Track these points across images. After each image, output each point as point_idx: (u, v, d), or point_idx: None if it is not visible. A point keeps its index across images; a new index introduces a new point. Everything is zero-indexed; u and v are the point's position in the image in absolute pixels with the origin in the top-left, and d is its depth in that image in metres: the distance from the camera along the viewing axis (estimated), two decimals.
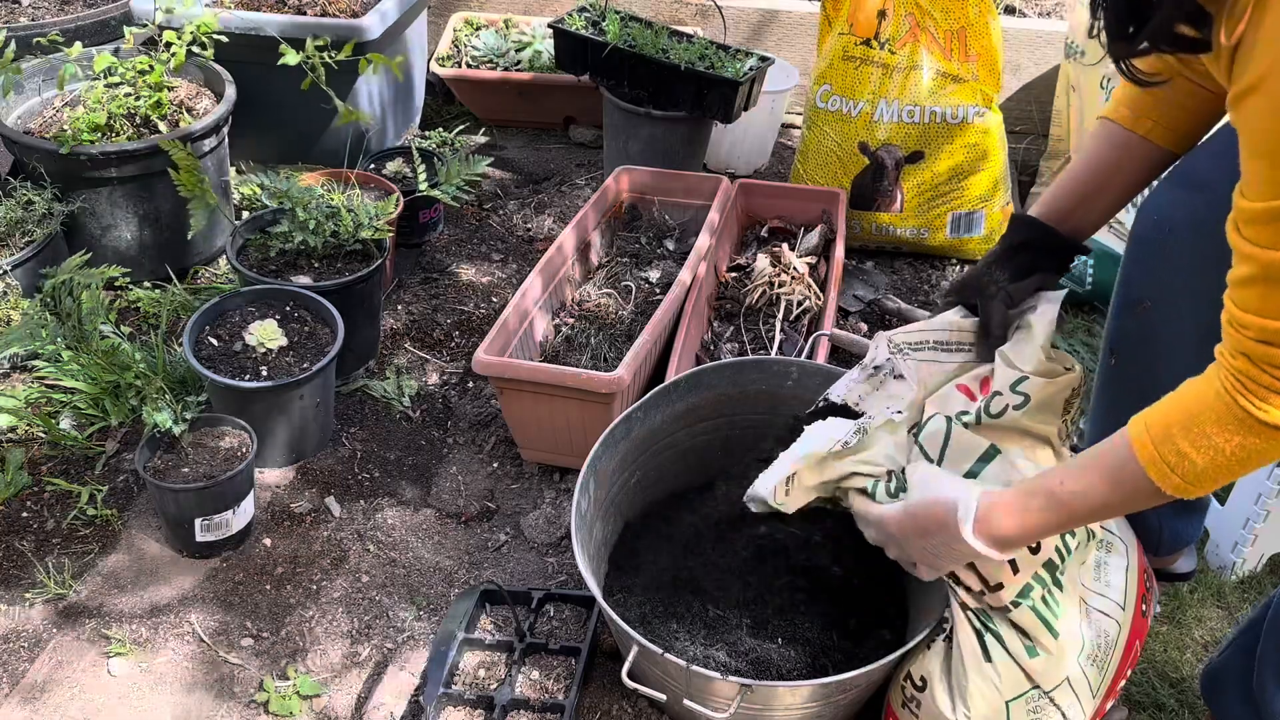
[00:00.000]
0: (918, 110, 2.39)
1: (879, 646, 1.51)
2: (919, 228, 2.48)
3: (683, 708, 1.39)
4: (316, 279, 2.06)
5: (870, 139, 2.43)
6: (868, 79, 2.40)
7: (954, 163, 2.42)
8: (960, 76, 2.39)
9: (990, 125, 2.42)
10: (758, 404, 1.73)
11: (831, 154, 2.47)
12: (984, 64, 2.41)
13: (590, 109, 3.00)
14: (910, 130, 2.40)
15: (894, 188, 2.44)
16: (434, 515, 1.91)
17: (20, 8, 2.78)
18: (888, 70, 2.39)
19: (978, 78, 2.40)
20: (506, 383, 1.84)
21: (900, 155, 2.42)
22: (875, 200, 2.46)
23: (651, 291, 2.25)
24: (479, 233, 2.64)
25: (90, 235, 2.27)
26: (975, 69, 2.39)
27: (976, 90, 2.40)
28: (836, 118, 2.45)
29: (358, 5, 2.71)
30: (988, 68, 2.42)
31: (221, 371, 1.84)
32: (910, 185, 2.45)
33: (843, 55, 2.42)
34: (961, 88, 2.39)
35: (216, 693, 1.59)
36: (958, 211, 2.46)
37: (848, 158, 2.46)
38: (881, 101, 2.40)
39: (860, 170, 2.45)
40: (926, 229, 2.48)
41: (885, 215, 2.47)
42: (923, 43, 2.37)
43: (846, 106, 2.43)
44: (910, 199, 2.45)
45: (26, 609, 1.70)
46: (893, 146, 2.42)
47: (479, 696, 1.54)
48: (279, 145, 2.69)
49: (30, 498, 1.88)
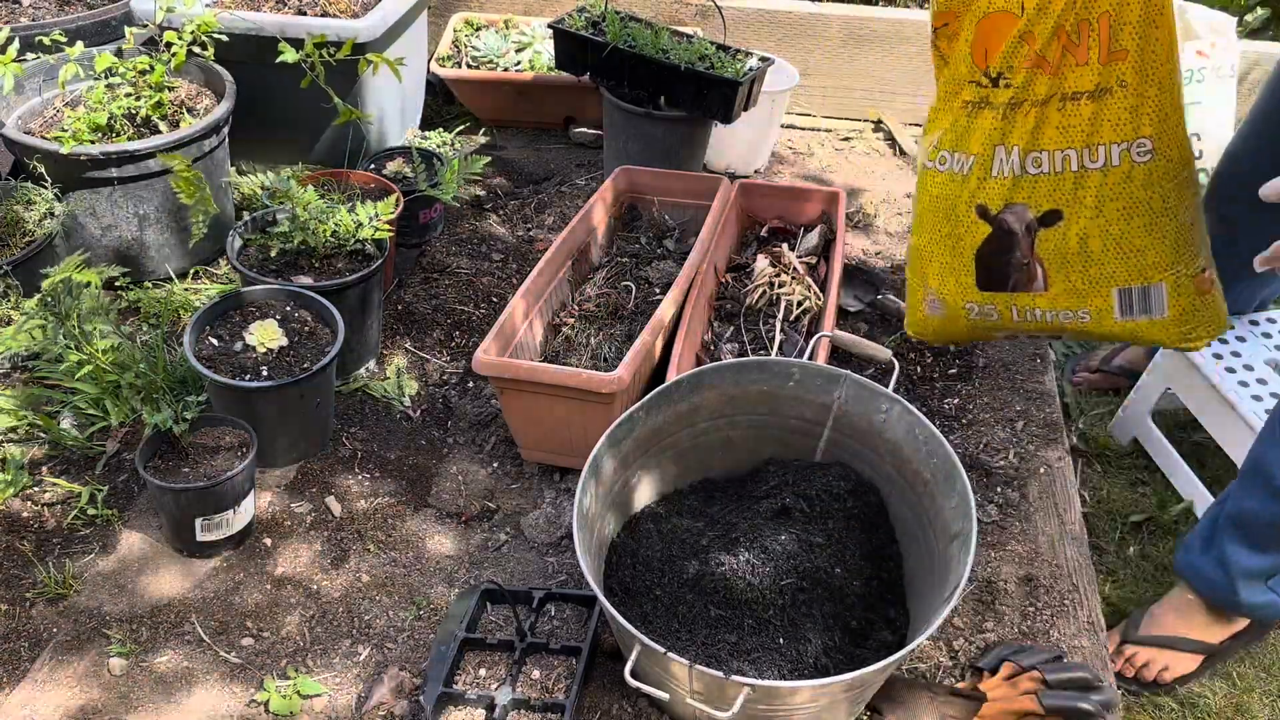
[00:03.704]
0: (1044, 157, 1.72)
1: (880, 647, 1.52)
2: (1075, 310, 1.79)
3: (685, 707, 1.39)
4: (316, 279, 2.05)
5: (989, 200, 1.78)
6: (981, 125, 1.74)
7: (1103, 222, 1.71)
8: (1103, 87, 1.63)
9: (1153, 165, 1.65)
10: (759, 404, 1.73)
11: (944, 222, 1.85)
12: (1138, 66, 1.60)
13: (590, 109, 3.00)
14: (1039, 184, 1.73)
15: (1030, 259, 1.80)
16: (434, 515, 1.91)
17: (21, 8, 2.77)
18: (1001, 110, 1.71)
19: (1127, 85, 1.62)
20: (506, 383, 1.84)
21: (1030, 217, 1.77)
22: (1009, 278, 1.83)
23: (651, 291, 2.25)
24: (479, 233, 2.64)
25: (90, 235, 2.27)
26: (1125, 73, 1.61)
27: (1125, 112, 1.64)
28: (948, 178, 1.82)
29: (358, 6, 2.71)
30: (1146, 71, 1.60)
31: (222, 371, 1.83)
32: (1050, 254, 1.77)
33: (953, 98, 1.78)
34: (1102, 108, 1.64)
35: (217, 692, 1.59)
36: (1126, 286, 1.76)
37: (959, 227, 1.82)
38: (999, 151, 1.75)
39: (985, 240, 1.82)
40: (1087, 311, 1.78)
41: (1027, 296, 1.81)
42: (1049, 54, 1.65)
43: (959, 163, 1.80)
44: (1054, 273, 1.78)
45: (26, 609, 1.70)
46: (1020, 207, 1.77)
47: (479, 696, 1.54)
48: (279, 145, 2.69)
49: (30, 498, 1.88)
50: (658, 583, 1.59)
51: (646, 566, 1.62)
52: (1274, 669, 1.81)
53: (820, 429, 1.73)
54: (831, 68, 3.19)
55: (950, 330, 1.89)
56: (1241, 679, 1.79)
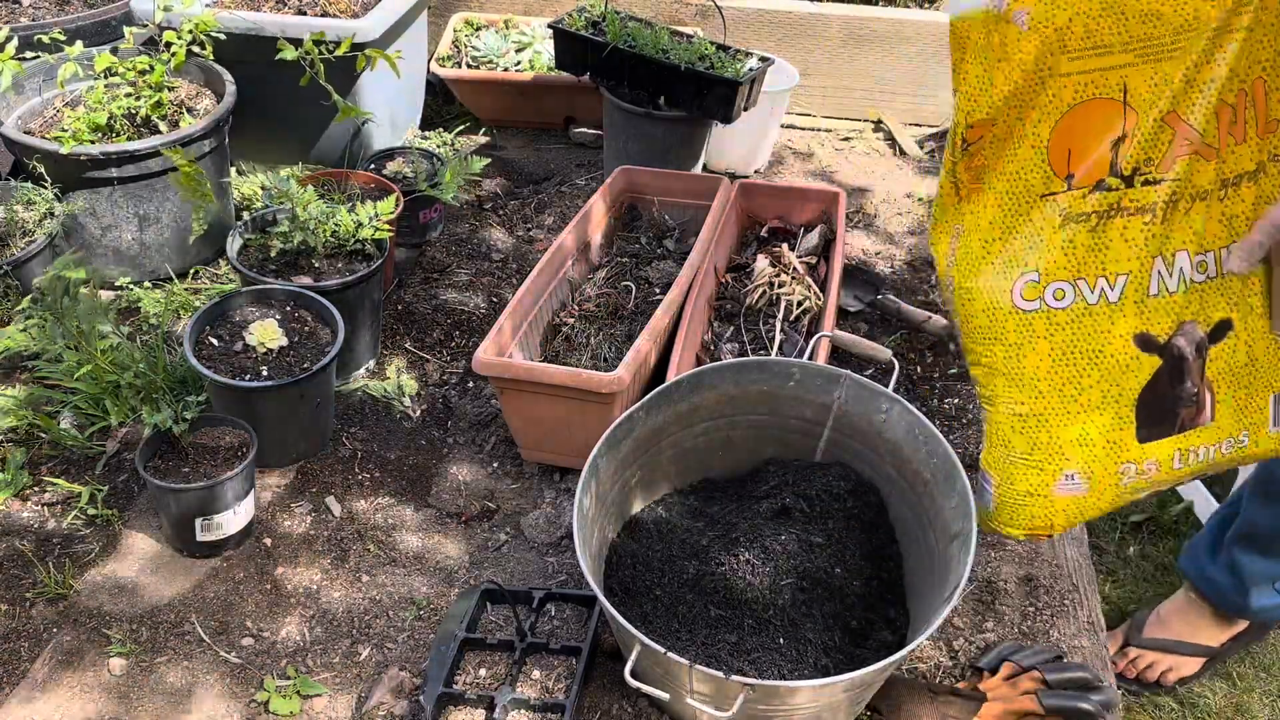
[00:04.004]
0: (1210, 258, 1.41)
1: (880, 647, 1.52)
2: (1236, 435, 1.50)
3: (685, 707, 1.39)
4: (316, 279, 2.05)
5: (1153, 326, 1.41)
6: (1124, 237, 1.37)
7: (1266, 321, 1.44)
8: (1261, 164, 1.37)
9: None
10: (759, 404, 1.73)
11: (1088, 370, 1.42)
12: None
13: (590, 109, 3.00)
14: (1207, 293, 1.41)
15: (1199, 387, 1.47)
16: (434, 515, 1.91)
17: (20, 8, 2.78)
18: (1156, 211, 1.36)
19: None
20: (506, 383, 1.84)
21: (1201, 335, 1.43)
22: (1177, 416, 1.46)
23: (651, 291, 2.25)
24: (479, 232, 2.64)
25: (90, 235, 2.27)
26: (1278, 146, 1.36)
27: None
28: (1080, 314, 1.41)
29: (357, 5, 2.71)
30: None
31: (222, 371, 1.83)
32: (1219, 375, 1.46)
33: (1018, 218, 1.40)
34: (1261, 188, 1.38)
35: (217, 692, 1.59)
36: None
37: (1113, 370, 1.41)
38: (1158, 263, 1.39)
39: (1149, 378, 1.43)
40: (1246, 432, 1.49)
41: (1194, 434, 1.45)
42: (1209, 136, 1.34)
43: (1094, 293, 1.41)
44: (1223, 395, 1.46)
45: (26, 609, 1.70)
46: (1190, 325, 1.43)
47: (479, 696, 1.54)
48: (279, 145, 2.69)
49: (30, 498, 1.88)
50: (658, 583, 1.59)
51: (646, 566, 1.62)
52: (1274, 669, 1.81)
53: (820, 429, 1.73)
54: (831, 68, 3.18)
55: (1088, 510, 1.46)
56: (1241, 679, 1.80)
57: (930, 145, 3.11)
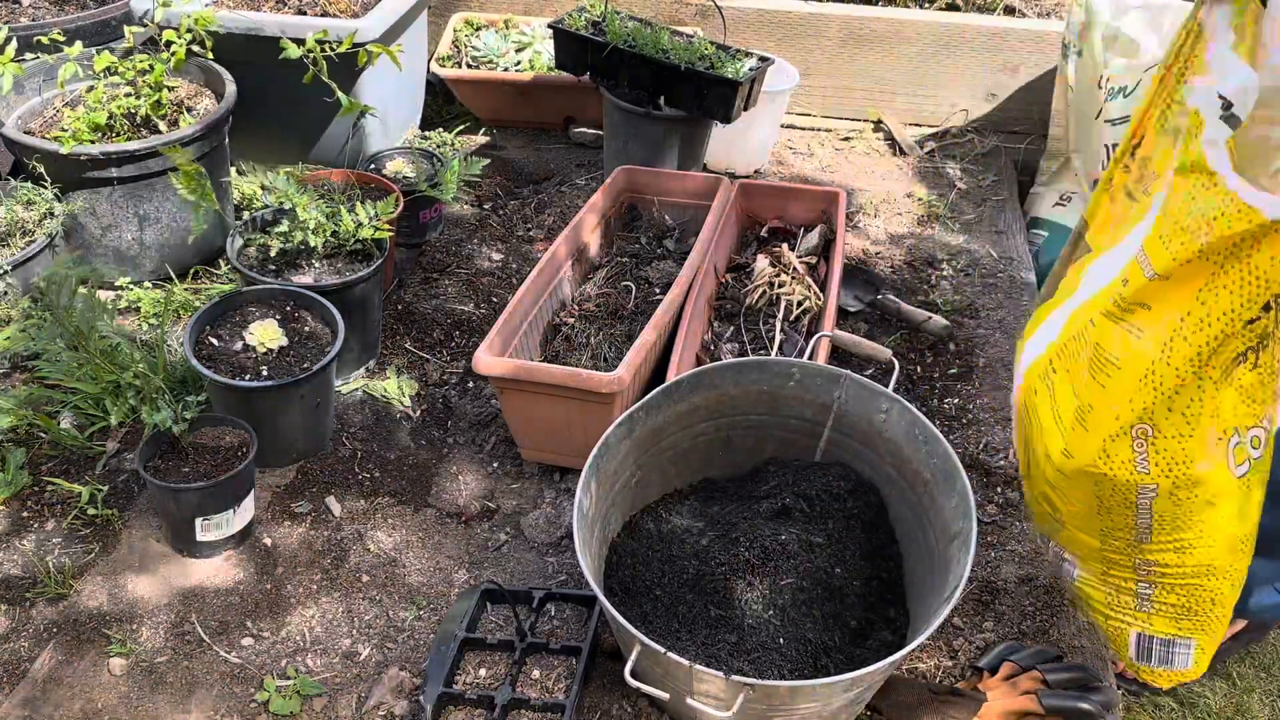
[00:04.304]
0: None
1: (880, 647, 1.52)
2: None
3: (685, 707, 1.39)
4: (316, 279, 2.05)
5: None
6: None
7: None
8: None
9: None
10: (759, 404, 1.73)
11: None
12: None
13: (590, 109, 3.00)
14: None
15: None
16: (434, 515, 1.91)
17: (20, 8, 2.78)
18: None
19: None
20: (506, 383, 1.84)
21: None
22: None
23: (651, 291, 2.25)
24: (479, 233, 2.64)
25: (90, 235, 2.27)
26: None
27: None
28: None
29: (358, 5, 2.71)
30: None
31: (222, 371, 1.83)
32: None
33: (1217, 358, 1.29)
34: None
35: (217, 692, 1.59)
36: None
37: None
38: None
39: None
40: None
41: None
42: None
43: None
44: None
45: (26, 609, 1.70)
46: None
47: (479, 696, 1.54)
48: (279, 145, 2.69)
49: (30, 497, 1.88)
50: (658, 583, 1.59)
51: (646, 566, 1.62)
52: (1274, 669, 1.81)
53: (820, 429, 1.73)
54: (831, 68, 3.19)
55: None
56: (1241, 679, 1.80)
57: (930, 145, 3.11)
